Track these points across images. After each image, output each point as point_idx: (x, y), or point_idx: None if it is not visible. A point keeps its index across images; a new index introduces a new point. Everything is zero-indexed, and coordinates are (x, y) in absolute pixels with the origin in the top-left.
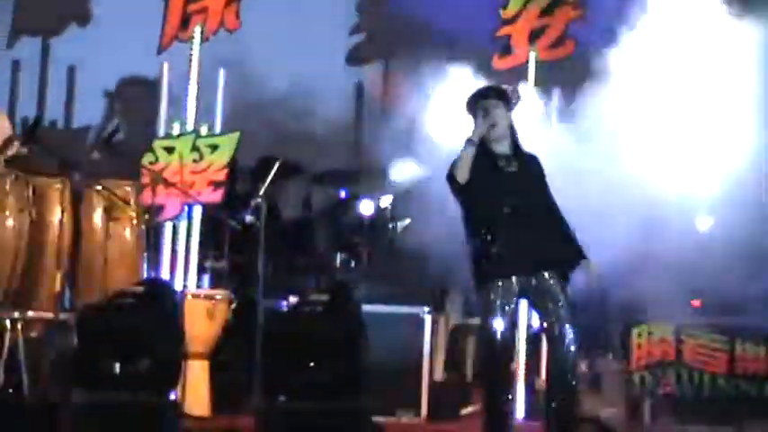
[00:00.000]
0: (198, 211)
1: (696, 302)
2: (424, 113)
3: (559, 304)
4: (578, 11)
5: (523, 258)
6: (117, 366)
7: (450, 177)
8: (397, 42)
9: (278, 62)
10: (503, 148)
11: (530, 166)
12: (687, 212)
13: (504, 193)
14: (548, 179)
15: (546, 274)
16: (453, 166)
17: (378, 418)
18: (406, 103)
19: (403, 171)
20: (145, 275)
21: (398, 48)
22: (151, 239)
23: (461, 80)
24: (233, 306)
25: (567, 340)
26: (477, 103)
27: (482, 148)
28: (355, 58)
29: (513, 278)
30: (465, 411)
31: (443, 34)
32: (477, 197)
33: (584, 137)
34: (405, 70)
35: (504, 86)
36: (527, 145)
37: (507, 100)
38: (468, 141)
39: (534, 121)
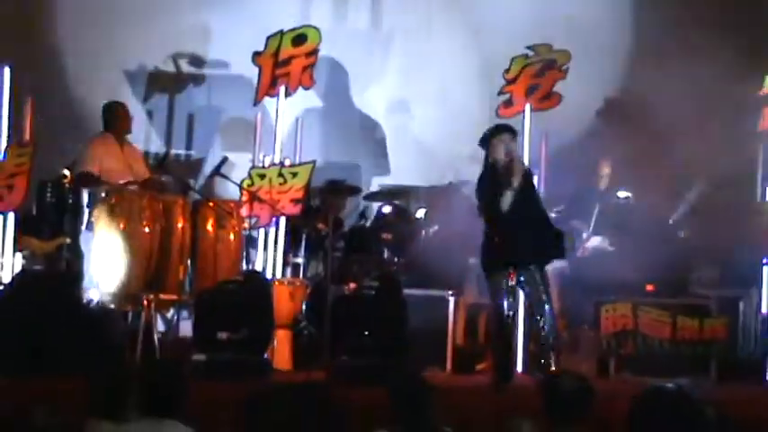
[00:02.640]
0: (283, 221)
1: (649, 287)
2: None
3: (543, 290)
4: (562, 73)
5: (519, 254)
6: (224, 335)
7: (487, 202)
8: (429, 96)
9: (342, 111)
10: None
11: (526, 180)
12: None
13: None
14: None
15: (534, 266)
16: (488, 193)
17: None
18: None
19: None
20: (244, 268)
21: (430, 100)
22: (249, 241)
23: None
24: (308, 290)
25: (550, 315)
26: (497, 136)
27: (494, 170)
28: (397, 108)
29: (512, 268)
30: (479, 367)
31: (463, 90)
32: (492, 212)
33: None
34: None
35: (510, 125)
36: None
37: (516, 134)
38: (512, 188)
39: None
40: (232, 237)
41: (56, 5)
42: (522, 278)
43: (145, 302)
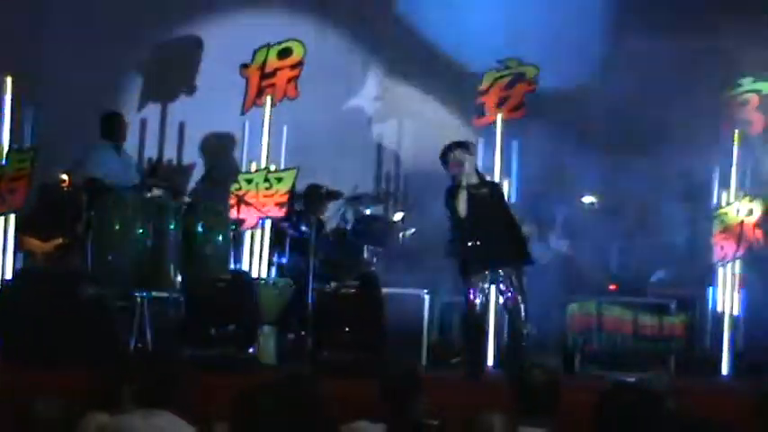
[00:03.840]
0: (268, 223)
1: (612, 287)
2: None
3: (515, 289)
4: (531, 86)
5: (491, 257)
6: (213, 330)
7: (452, 209)
8: (407, 107)
9: (324, 120)
10: (472, 179)
11: (493, 191)
12: None
13: (478, 212)
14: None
15: (507, 268)
16: (452, 200)
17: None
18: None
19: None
20: (232, 268)
21: (408, 110)
22: (237, 242)
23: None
24: (292, 289)
25: (520, 313)
26: (447, 155)
27: (453, 183)
28: (377, 118)
29: (486, 270)
30: (453, 361)
31: (440, 101)
32: (461, 221)
33: None
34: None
35: (465, 141)
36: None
37: (468, 148)
38: (461, 188)
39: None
40: (221, 237)
41: (53, 15)
42: (496, 278)
43: (138, 300)
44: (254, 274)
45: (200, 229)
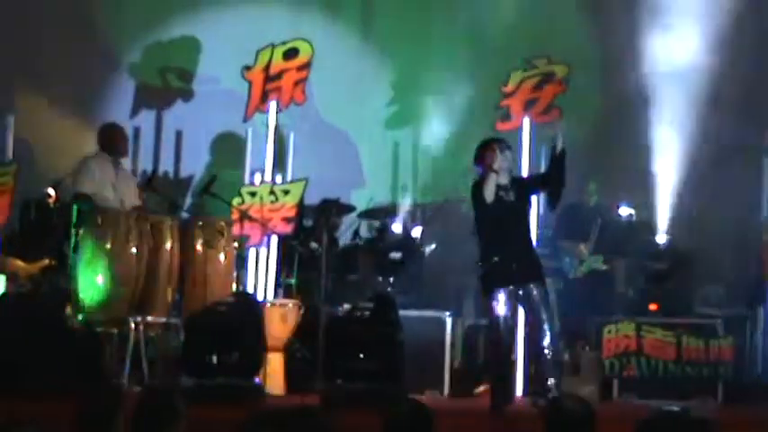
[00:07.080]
0: (274, 240)
1: (653, 306)
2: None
3: (541, 309)
4: (562, 86)
5: (516, 272)
6: (215, 358)
7: (479, 198)
8: (424, 111)
9: (334, 126)
10: (504, 180)
11: (520, 190)
12: None
13: (504, 220)
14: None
15: (531, 285)
16: (479, 191)
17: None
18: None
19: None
20: (235, 289)
21: (423, 115)
22: (240, 262)
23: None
24: (301, 312)
25: (546, 336)
26: (490, 145)
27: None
28: (391, 124)
29: (511, 287)
30: (477, 390)
31: (459, 105)
32: (486, 224)
33: None
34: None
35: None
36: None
37: (509, 146)
38: (493, 171)
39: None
40: (222, 257)
41: (40, 19)
42: (520, 296)
43: (132, 325)
44: (260, 296)
45: (199, 247)
